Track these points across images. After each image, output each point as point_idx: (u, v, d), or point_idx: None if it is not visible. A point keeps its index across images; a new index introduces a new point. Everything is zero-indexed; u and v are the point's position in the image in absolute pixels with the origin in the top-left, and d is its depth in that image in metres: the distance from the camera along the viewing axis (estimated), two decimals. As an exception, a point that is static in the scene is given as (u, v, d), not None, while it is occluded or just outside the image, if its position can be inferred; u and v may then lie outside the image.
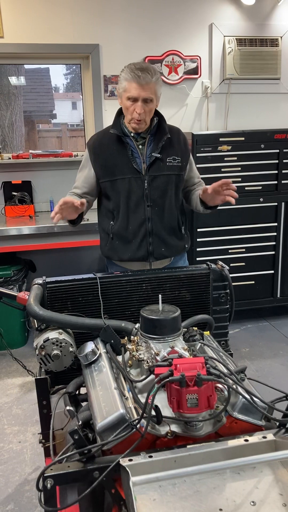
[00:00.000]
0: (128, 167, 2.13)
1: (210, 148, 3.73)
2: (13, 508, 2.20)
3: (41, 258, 4.11)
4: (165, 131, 2.17)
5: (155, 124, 2.18)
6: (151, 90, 2.04)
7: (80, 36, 3.89)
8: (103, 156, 2.16)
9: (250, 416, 1.20)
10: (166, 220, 2.20)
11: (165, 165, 2.16)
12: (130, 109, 2.06)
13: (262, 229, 3.97)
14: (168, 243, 2.22)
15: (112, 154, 2.15)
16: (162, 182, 2.16)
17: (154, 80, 2.04)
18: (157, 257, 2.21)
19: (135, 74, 2.00)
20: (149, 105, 2.06)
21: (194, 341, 1.46)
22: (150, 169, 2.14)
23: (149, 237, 2.17)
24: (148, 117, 2.10)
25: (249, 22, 4.17)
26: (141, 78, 1.99)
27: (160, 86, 2.11)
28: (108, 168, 2.15)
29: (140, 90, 2.01)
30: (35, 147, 5.12)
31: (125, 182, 2.14)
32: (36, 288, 1.66)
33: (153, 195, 2.15)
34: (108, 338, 1.52)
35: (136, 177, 2.14)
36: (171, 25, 4.04)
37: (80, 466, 1.08)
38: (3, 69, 4.52)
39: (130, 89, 2.02)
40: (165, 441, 1.14)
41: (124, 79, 2.04)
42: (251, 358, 3.56)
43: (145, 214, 2.16)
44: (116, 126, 2.17)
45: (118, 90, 2.11)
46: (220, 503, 0.96)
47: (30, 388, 3.21)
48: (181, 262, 2.36)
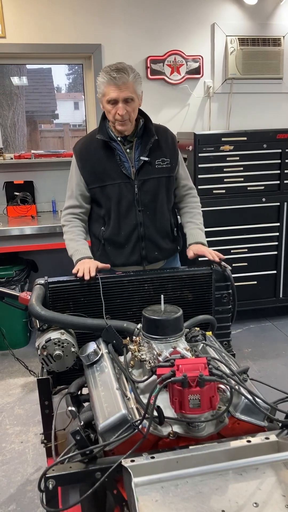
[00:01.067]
0: (117, 173, 2.09)
1: (212, 148, 3.72)
2: (15, 508, 2.19)
3: (43, 258, 4.12)
4: (151, 133, 2.12)
5: (141, 126, 2.14)
6: (130, 89, 1.98)
7: (82, 36, 3.89)
8: (91, 163, 2.12)
9: (252, 417, 1.20)
10: (158, 223, 2.17)
11: (154, 168, 2.12)
12: (112, 112, 2.01)
13: (265, 229, 3.96)
14: (161, 246, 2.19)
15: (100, 159, 2.11)
16: (153, 186, 2.13)
17: (132, 79, 1.98)
18: (151, 260, 2.19)
19: (110, 76, 1.95)
20: (131, 105, 2.01)
21: (196, 342, 1.46)
22: (139, 173, 2.10)
23: (142, 241, 2.15)
24: (132, 116, 2.04)
25: (251, 21, 4.16)
26: (117, 79, 1.94)
27: (140, 83, 2.04)
28: (97, 174, 2.11)
29: (118, 91, 1.96)
30: (37, 147, 5.13)
31: (115, 188, 2.10)
32: (38, 288, 1.66)
33: (144, 199, 2.12)
34: (110, 338, 1.52)
35: (126, 182, 2.10)
36: (173, 24, 4.04)
37: (82, 466, 1.08)
38: (5, 69, 4.53)
39: (109, 92, 1.97)
40: (167, 442, 1.14)
41: (101, 83, 1.99)
42: (253, 358, 3.55)
43: (136, 219, 2.12)
44: (102, 131, 2.12)
45: (98, 95, 2.06)
46: (223, 504, 0.95)
47: (32, 388, 3.21)
48: (174, 262, 2.35)
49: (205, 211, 2.33)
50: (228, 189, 3.81)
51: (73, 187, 2.17)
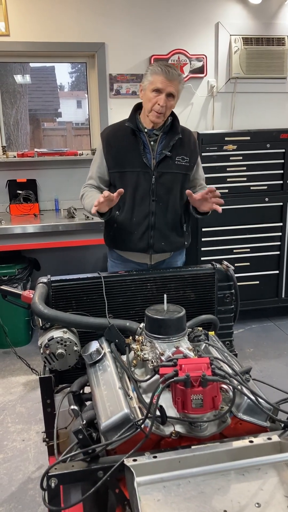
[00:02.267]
0: (138, 161, 2.19)
1: (215, 147, 3.72)
2: (16, 506, 2.20)
3: (46, 256, 4.12)
4: (177, 131, 2.24)
5: (169, 123, 2.25)
6: (176, 87, 2.13)
7: (86, 34, 3.89)
8: (116, 148, 2.22)
9: (255, 417, 1.20)
10: (169, 216, 2.25)
11: (173, 164, 2.22)
12: (153, 101, 2.11)
13: (267, 229, 3.96)
14: (168, 238, 2.27)
15: (124, 146, 2.21)
16: (169, 179, 2.22)
17: (179, 80, 2.15)
18: (157, 250, 2.27)
19: (164, 68, 2.09)
20: (171, 101, 2.14)
21: (199, 341, 1.46)
22: (159, 166, 2.20)
23: (151, 230, 2.23)
24: (167, 112, 2.17)
25: (255, 21, 4.15)
26: (170, 73, 2.09)
27: (182, 88, 2.19)
28: (119, 159, 2.21)
29: (167, 83, 2.09)
30: (40, 145, 5.12)
31: (133, 175, 2.20)
32: (41, 287, 1.66)
33: (159, 190, 2.21)
34: (113, 337, 1.52)
35: (145, 171, 2.19)
36: (177, 23, 4.03)
37: (84, 465, 1.08)
38: (8, 68, 4.53)
39: (157, 82, 2.09)
40: (169, 441, 1.14)
41: (152, 72, 2.11)
42: (255, 358, 3.55)
43: (149, 208, 2.21)
44: (131, 120, 2.23)
45: (142, 83, 2.18)
46: (225, 504, 0.95)
47: (34, 387, 3.21)
48: (179, 257, 2.43)
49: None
50: (231, 189, 3.80)
51: (94, 169, 2.30)
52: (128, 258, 2.32)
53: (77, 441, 1.11)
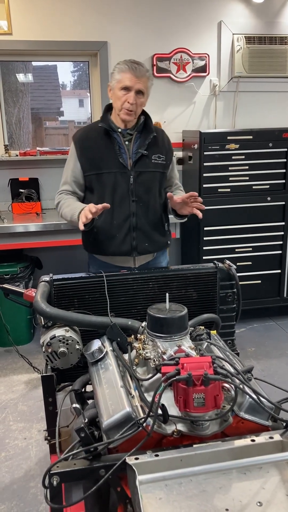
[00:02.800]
0: (114, 162, 2.15)
1: (217, 146, 3.72)
2: (18, 504, 2.20)
3: (48, 255, 4.12)
4: (151, 130, 2.22)
5: (142, 122, 2.22)
6: (144, 84, 2.10)
7: (88, 33, 3.88)
8: (90, 150, 2.18)
9: (256, 416, 1.20)
10: (150, 215, 2.23)
11: (150, 162, 2.20)
12: (122, 99, 2.09)
13: (269, 228, 3.96)
14: (151, 238, 2.24)
15: (99, 147, 2.17)
16: (147, 179, 2.20)
17: (147, 76, 2.12)
18: (141, 252, 2.23)
19: (131, 65, 2.07)
20: (140, 98, 2.11)
21: (201, 340, 1.46)
22: (136, 165, 2.17)
23: (133, 232, 2.20)
24: (138, 110, 2.14)
25: (258, 19, 4.14)
26: (136, 70, 2.07)
27: (151, 85, 2.17)
28: (95, 161, 2.17)
29: (135, 81, 2.07)
30: (42, 144, 5.13)
31: (111, 176, 2.16)
32: (43, 286, 1.66)
33: (138, 190, 2.18)
34: (115, 336, 1.51)
35: (122, 172, 2.16)
36: (180, 22, 4.02)
37: (86, 464, 1.08)
38: (11, 66, 4.53)
39: (125, 80, 2.07)
40: (171, 440, 1.14)
41: (119, 70, 2.10)
42: (257, 357, 3.55)
43: (129, 209, 2.18)
44: (104, 120, 2.20)
45: (110, 83, 2.16)
46: (226, 503, 0.95)
47: (35, 385, 3.22)
48: (163, 257, 2.40)
49: (209, 209, 2.34)
50: (233, 188, 3.80)
51: (68, 173, 2.24)
52: (111, 263, 2.25)
53: (79, 439, 1.11)
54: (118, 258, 2.23)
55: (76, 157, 2.20)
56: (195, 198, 2.02)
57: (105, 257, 2.27)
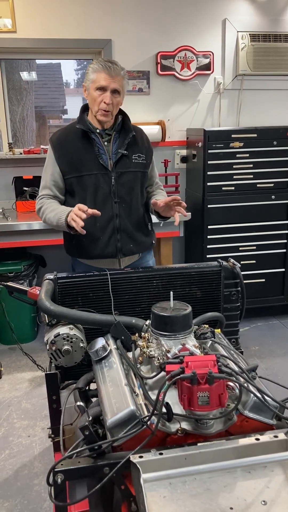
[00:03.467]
0: (94, 163, 2.12)
1: (222, 144, 3.70)
2: (22, 501, 2.21)
3: (52, 253, 4.12)
4: (130, 129, 2.19)
5: (120, 122, 2.20)
6: (119, 83, 2.08)
7: (92, 31, 3.88)
8: (69, 152, 2.14)
9: (261, 415, 1.19)
10: (133, 216, 2.20)
11: (131, 162, 2.18)
12: (98, 100, 2.07)
13: (274, 226, 3.94)
14: (136, 239, 2.22)
15: (77, 150, 2.14)
16: (129, 179, 2.18)
17: (122, 74, 2.10)
18: (126, 253, 2.21)
19: (105, 64, 2.04)
20: (117, 98, 2.09)
21: (205, 339, 1.46)
22: (117, 166, 2.15)
23: (117, 233, 2.17)
24: (115, 110, 2.11)
25: (263, 17, 4.13)
26: (111, 69, 2.04)
27: (127, 83, 2.15)
28: (74, 164, 2.13)
29: (110, 80, 2.05)
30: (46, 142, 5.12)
31: (92, 178, 2.13)
32: (47, 283, 1.66)
33: (120, 191, 2.16)
34: (119, 334, 1.52)
35: (103, 173, 2.13)
36: (184, 20, 4.01)
37: (90, 461, 1.08)
38: (15, 64, 4.54)
39: (100, 79, 2.05)
40: (175, 438, 1.14)
41: (93, 70, 2.07)
42: (261, 356, 3.54)
43: (112, 211, 2.15)
44: (81, 122, 2.17)
45: (85, 83, 2.13)
46: (231, 501, 0.95)
47: (39, 383, 3.22)
48: (148, 257, 2.38)
49: (213, 208, 2.33)
50: (237, 186, 3.79)
51: (47, 177, 2.20)
52: (96, 266, 2.21)
53: (83, 437, 1.11)
54: (103, 260, 2.20)
55: (54, 160, 2.16)
56: (178, 202, 2.00)
57: (90, 261, 2.23)
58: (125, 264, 2.25)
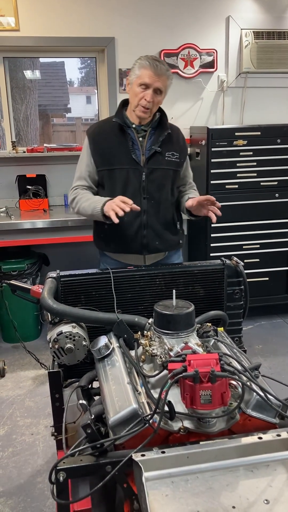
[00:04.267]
0: (127, 158, 2.13)
1: (225, 142, 3.69)
2: (25, 499, 2.22)
3: (55, 252, 4.13)
4: (166, 126, 2.19)
5: (157, 119, 2.20)
6: (164, 83, 2.08)
7: (95, 29, 3.87)
8: (103, 145, 2.16)
9: (264, 414, 1.19)
10: (161, 213, 2.19)
11: (164, 159, 2.17)
12: (140, 96, 2.07)
13: (277, 225, 3.93)
14: (162, 237, 2.21)
15: (112, 143, 2.15)
16: (160, 176, 2.17)
17: (168, 75, 2.09)
18: (151, 250, 2.20)
19: (152, 62, 2.04)
20: (158, 97, 2.09)
21: (208, 337, 1.45)
22: (149, 162, 2.14)
23: (144, 229, 2.16)
24: (154, 108, 2.12)
25: (267, 14, 4.11)
26: (158, 68, 2.04)
27: (170, 84, 2.14)
28: (107, 157, 2.15)
29: (155, 78, 2.04)
30: (49, 141, 5.14)
31: (123, 172, 2.13)
32: (50, 282, 1.66)
33: (150, 187, 2.15)
34: (121, 332, 1.51)
35: (135, 168, 2.13)
36: (188, 18, 4.00)
37: (93, 460, 1.08)
38: (18, 63, 4.54)
39: (144, 76, 2.05)
40: (177, 437, 1.13)
41: (140, 66, 2.07)
42: (264, 355, 3.53)
43: (141, 206, 2.12)
44: (119, 115, 2.17)
45: (129, 77, 2.13)
46: (233, 500, 0.95)
47: (42, 381, 3.23)
48: (175, 257, 2.35)
49: (217, 206, 2.32)
50: (241, 184, 3.78)
51: (83, 168, 2.22)
52: (121, 261, 2.23)
53: (85, 435, 1.11)
54: (128, 256, 2.21)
55: (89, 152, 2.18)
56: (213, 202, 2.00)
57: (116, 255, 2.25)
58: (150, 261, 2.23)
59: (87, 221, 3.59)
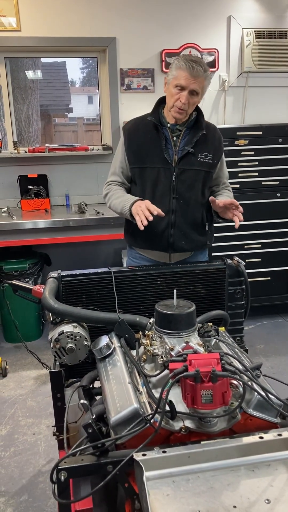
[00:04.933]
0: (159, 157, 2.13)
1: (226, 142, 3.67)
2: (27, 499, 2.22)
3: (56, 251, 4.14)
4: (201, 127, 2.17)
5: (193, 119, 2.18)
6: (200, 84, 2.04)
7: (97, 29, 3.88)
8: (137, 142, 2.17)
9: (265, 413, 1.19)
10: (190, 214, 2.19)
11: (196, 160, 2.15)
12: (175, 97, 2.05)
13: (279, 224, 3.93)
14: (189, 237, 2.20)
15: (145, 141, 2.15)
16: (191, 176, 2.16)
17: (205, 76, 2.05)
18: (177, 249, 2.20)
19: (189, 64, 2.00)
20: (194, 98, 2.06)
21: (209, 337, 1.45)
22: (180, 162, 2.14)
23: (171, 229, 2.16)
24: (190, 109, 2.09)
25: (268, 14, 4.10)
26: (194, 69, 2.00)
27: (209, 83, 2.11)
28: (140, 154, 2.16)
29: (190, 80, 2.01)
30: (51, 141, 5.14)
31: (154, 171, 2.14)
32: (52, 282, 1.66)
33: (180, 188, 2.15)
34: (123, 332, 1.52)
35: (166, 167, 2.13)
36: (189, 17, 4.00)
37: (94, 459, 1.08)
38: (20, 63, 4.54)
39: (180, 78, 2.02)
40: (179, 436, 1.13)
41: (176, 67, 2.04)
42: (266, 354, 3.53)
43: (169, 206, 2.14)
44: (154, 114, 2.17)
45: (167, 77, 2.11)
46: (234, 500, 0.95)
47: (44, 381, 3.23)
48: (201, 257, 2.35)
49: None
50: (242, 184, 3.78)
51: (117, 164, 2.24)
52: (147, 257, 2.25)
53: (86, 435, 1.11)
54: (154, 252, 2.22)
55: (124, 148, 2.19)
56: (236, 207, 2.00)
57: (142, 250, 2.27)
58: (175, 260, 2.23)
59: (89, 221, 3.61)
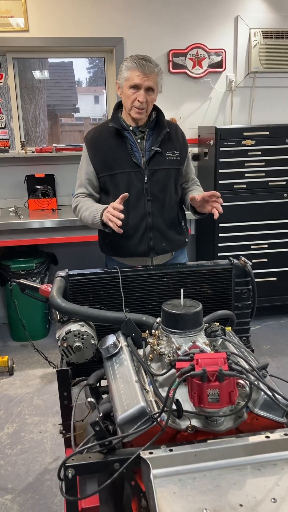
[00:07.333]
0: (127, 161, 2.11)
1: (233, 142, 3.69)
2: (34, 496, 2.23)
3: (63, 251, 4.15)
4: (164, 125, 2.17)
5: (154, 118, 2.18)
6: (154, 80, 2.05)
7: (104, 29, 3.89)
8: (102, 150, 2.14)
9: (271, 413, 1.19)
10: (166, 214, 2.18)
11: (164, 159, 2.15)
12: (132, 98, 2.05)
13: (286, 225, 3.92)
14: (168, 237, 2.20)
15: (110, 148, 2.13)
16: (162, 176, 2.15)
17: (157, 71, 2.06)
18: (158, 252, 2.19)
19: (140, 62, 2.01)
20: (151, 95, 2.07)
21: (216, 337, 1.45)
22: (150, 163, 2.13)
23: (150, 231, 2.15)
24: (149, 107, 2.10)
25: (276, 14, 4.09)
26: (145, 66, 2.01)
27: (161, 79, 2.11)
28: (107, 162, 2.13)
29: (144, 78, 2.02)
30: (58, 140, 5.16)
31: (124, 176, 2.12)
32: (59, 281, 1.68)
33: (153, 189, 2.14)
34: (129, 331, 1.52)
35: (136, 171, 2.12)
36: (196, 17, 4.00)
37: (101, 457, 1.09)
38: (27, 63, 4.56)
39: (133, 78, 2.03)
40: (185, 435, 1.14)
41: (126, 68, 2.05)
42: (272, 355, 3.52)
43: (145, 209, 2.13)
44: (114, 119, 2.16)
45: (119, 81, 2.11)
46: (240, 498, 0.95)
47: (51, 380, 3.25)
48: (181, 257, 2.35)
49: (225, 206, 2.30)
50: (249, 184, 3.78)
51: (82, 176, 2.20)
52: (129, 264, 2.20)
53: (93, 433, 1.12)
54: (136, 259, 2.19)
55: (89, 158, 2.17)
56: (217, 198, 1.98)
57: (123, 259, 2.24)
58: (157, 263, 2.23)
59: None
